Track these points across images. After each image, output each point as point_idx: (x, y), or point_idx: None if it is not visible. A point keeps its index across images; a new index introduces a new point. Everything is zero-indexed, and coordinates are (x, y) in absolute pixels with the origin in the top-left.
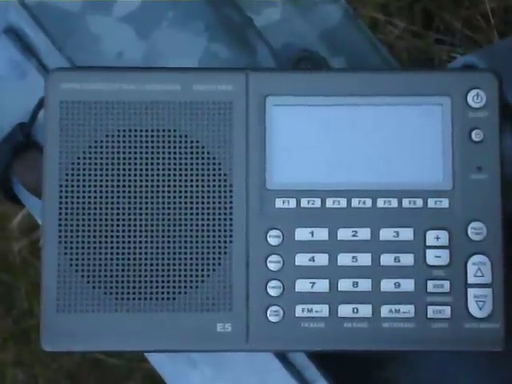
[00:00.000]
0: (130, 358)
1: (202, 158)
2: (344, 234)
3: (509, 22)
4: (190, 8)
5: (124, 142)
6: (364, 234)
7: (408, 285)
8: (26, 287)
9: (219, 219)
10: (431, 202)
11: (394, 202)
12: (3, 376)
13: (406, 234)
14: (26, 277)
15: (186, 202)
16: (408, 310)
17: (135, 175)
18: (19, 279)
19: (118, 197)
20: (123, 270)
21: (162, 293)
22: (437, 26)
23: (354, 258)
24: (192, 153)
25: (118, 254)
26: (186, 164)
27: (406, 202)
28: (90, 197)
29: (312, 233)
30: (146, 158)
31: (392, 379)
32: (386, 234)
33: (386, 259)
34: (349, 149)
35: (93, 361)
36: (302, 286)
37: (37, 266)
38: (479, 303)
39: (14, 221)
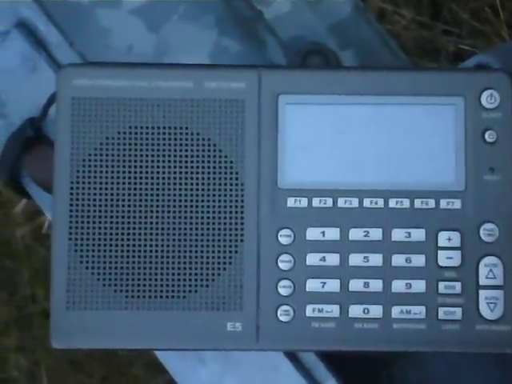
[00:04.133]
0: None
1: (214, 156)
2: (355, 234)
3: None
4: (200, 2)
5: (135, 139)
6: (375, 234)
7: (419, 286)
8: (29, 273)
9: (230, 218)
10: (443, 203)
11: (406, 203)
12: (5, 361)
13: (418, 234)
14: (29, 263)
15: (197, 200)
16: (419, 311)
17: (146, 172)
18: (22, 265)
19: (129, 194)
20: (134, 268)
21: (173, 291)
22: (444, 17)
23: (365, 258)
24: (204, 150)
25: (128, 251)
26: (197, 162)
27: (418, 203)
28: (101, 194)
29: (323, 232)
30: (158, 156)
31: (401, 377)
32: (398, 234)
33: (398, 260)
34: (361, 148)
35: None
36: (313, 285)
37: (40, 252)
38: (490, 305)
39: (18, 207)
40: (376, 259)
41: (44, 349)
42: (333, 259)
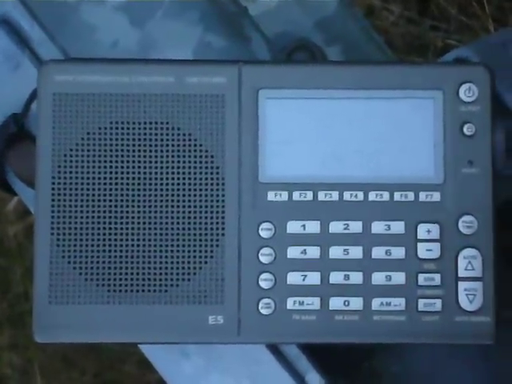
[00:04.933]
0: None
1: (195, 151)
2: (336, 227)
3: (504, 9)
4: None
5: (117, 134)
6: (356, 227)
7: (399, 278)
8: (22, 271)
9: (211, 212)
10: (422, 196)
11: (386, 196)
12: None
13: (398, 227)
14: (22, 261)
15: (178, 195)
16: (399, 302)
17: (128, 167)
18: (15, 263)
19: (111, 189)
20: (115, 262)
21: (155, 285)
22: (432, 12)
23: (345, 250)
24: (184, 145)
25: (110, 246)
26: (178, 156)
27: (397, 196)
28: (82, 189)
29: (304, 226)
30: (139, 151)
31: (383, 369)
32: (378, 227)
33: (378, 252)
34: (341, 142)
35: (88, 345)
36: (294, 278)
37: (32, 251)
38: (470, 296)
39: (10, 205)
40: (356, 252)
41: (37, 346)
42: (313, 252)
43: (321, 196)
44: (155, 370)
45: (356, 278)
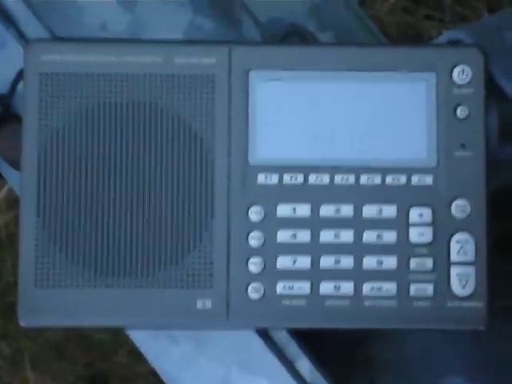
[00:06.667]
0: (116, 332)
1: (184, 133)
2: (326, 210)
3: None
4: None
5: (104, 114)
6: (347, 210)
7: (390, 262)
8: (13, 261)
9: (200, 195)
10: (415, 179)
11: (378, 179)
12: None
13: (389, 211)
14: (13, 250)
15: (166, 177)
16: (390, 287)
17: (115, 149)
18: (5, 253)
19: (98, 171)
20: (102, 246)
21: (142, 269)
22: (427, 2)
23: (336, 234)
24: (173, 127)
25: (97, 228)
26: (167, 138)
27: (389, 179)
28: (68, 170)
29: (294, 209)
30: (127, 132)
31: (376, 356)
32: (369, 210)
33: (369, 236)
34: (332, 125)
35: (79, 335)
36: (284, 262)
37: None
38: (462, 281)
39: (0, 194)
40: (347, 236)
41: (27, 337)
42: (304, 236)
43: (311, 179)
44: (146, 361)
45: (347, 262)
